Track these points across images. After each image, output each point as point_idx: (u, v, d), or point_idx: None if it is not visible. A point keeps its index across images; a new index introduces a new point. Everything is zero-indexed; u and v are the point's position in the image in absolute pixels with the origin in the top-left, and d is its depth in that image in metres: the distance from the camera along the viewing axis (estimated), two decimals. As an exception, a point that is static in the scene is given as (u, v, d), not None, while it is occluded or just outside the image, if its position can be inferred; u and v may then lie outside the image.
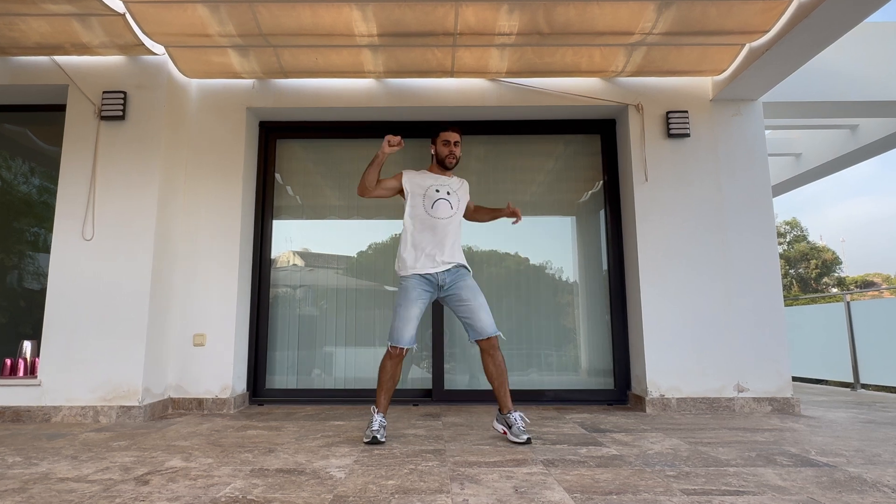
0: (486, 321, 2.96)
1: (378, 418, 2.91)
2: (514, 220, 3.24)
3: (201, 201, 4.20)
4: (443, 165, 3.18)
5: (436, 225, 3.03)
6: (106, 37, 3.69)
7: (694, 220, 4.13)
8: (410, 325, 2.94)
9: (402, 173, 3.16)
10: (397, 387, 3.02)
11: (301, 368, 4.46)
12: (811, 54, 3.65)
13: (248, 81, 4.36)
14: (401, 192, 3.16)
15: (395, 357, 2.96)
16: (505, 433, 2.94)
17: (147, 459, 2.51)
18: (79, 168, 3.85)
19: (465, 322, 3.00)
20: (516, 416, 2.92)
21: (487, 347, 2.98)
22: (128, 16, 3.50)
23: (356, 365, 4.46)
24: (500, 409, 3.01)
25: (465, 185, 3.27)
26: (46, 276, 3.83)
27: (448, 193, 3.10)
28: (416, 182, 3.14)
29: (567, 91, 4.33)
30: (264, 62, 4.04)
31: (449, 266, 3.01)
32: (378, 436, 2.82)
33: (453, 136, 3.15)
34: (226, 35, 3.66)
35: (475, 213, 3.38)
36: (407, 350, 2.96)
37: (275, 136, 4.66)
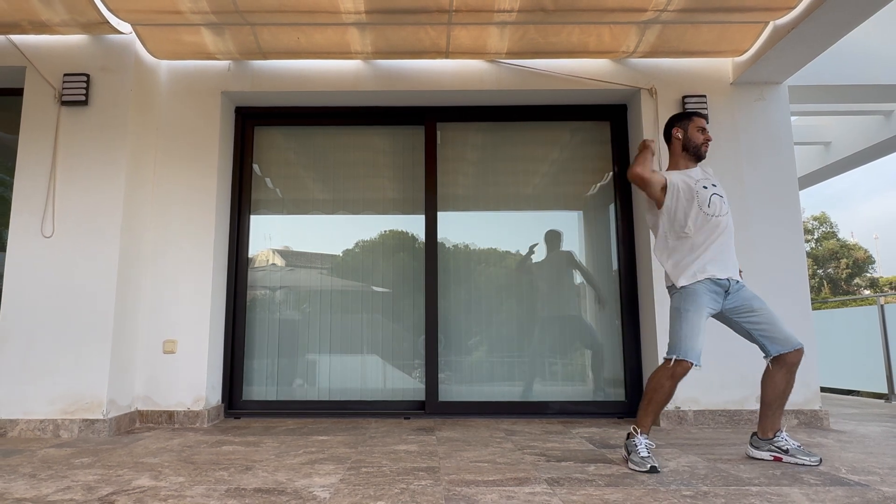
0: (787, 331, 2.84)
1: (644, 441, 2.74)
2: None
3: (172, 195, 4.19)
4: (697, 155, 3.06)
5: (718, 224, 2.91)
6: (67, 14, 3.67)
7: (713, 215, 4.11)
8: (702, 336, 2.78)
9: (656, 172, 2.98)
10: (385, 399, 2.99)
11: (281, 378, 4.45)
12: (842, 33, 3.65)
13: (224, 63, 4.35)
14: (661, 189, 2.97)
15: (678, 376, 2.74)
16: (779, 459, 2.81)
17: (112, 478, 2.50)
18: (37, 158, 3.83)
19: (763, 334, 2.86)
20: (786, 437, 2.84)
21: (796, 361, 2.84)
22: (90, -10, 3.50)
23: (342, 374, 4.44)
24: (764, 431, 2.89)
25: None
26: (1, 276, 3.81)
27: (714, 186, 3.00)
28: (680, 179, 2.98)
29: (573, 74, 4.32)
30: (241, 42, 4.02)
31: (735, 271, 2.92)
32: (655, 463, 2.63)
33: (704, 122, 3.07)
34: (199, 12, 3.64)
35: None
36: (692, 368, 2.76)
37: (252, 123, 4.65)
